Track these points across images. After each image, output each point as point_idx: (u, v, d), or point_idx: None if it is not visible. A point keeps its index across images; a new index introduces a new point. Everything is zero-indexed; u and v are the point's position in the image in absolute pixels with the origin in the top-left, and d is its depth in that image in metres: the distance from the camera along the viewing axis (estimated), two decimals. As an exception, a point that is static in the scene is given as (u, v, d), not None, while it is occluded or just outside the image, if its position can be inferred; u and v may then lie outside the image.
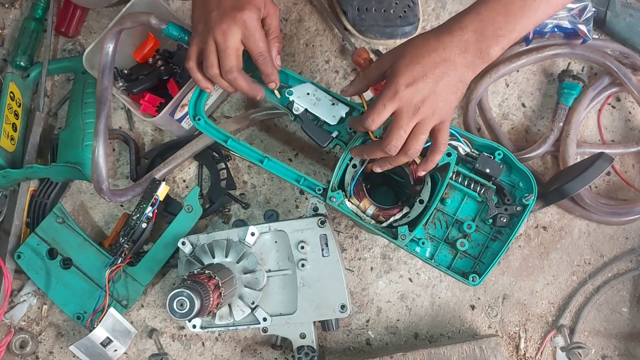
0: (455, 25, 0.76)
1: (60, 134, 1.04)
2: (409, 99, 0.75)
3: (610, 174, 1.08)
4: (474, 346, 0.93)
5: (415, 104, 0.75)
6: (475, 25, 0.75)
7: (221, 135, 0.94)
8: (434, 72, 0.75)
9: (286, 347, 1.01)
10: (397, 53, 0.78)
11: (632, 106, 1.10)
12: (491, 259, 0.88)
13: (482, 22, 0.74)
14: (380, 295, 1.04)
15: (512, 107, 1.10)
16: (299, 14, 1.13)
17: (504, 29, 0.74)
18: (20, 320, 1.04)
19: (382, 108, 0.76)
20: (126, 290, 1.00)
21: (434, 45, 0.75)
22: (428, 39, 0.76)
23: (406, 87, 0.75)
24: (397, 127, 0.77)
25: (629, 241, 1.05)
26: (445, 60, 0.75)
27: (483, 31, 0.74)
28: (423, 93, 0.75)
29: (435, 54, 0.75)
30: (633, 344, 1.02)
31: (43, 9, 1.13)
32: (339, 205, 0.88)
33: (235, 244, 0.94)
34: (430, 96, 0.75)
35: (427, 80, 0.75)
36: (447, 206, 0.91)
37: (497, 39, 0.75)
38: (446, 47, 0.75)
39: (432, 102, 0.76)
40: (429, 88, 0.75)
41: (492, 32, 0.74)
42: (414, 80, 0.75)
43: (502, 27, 0.74)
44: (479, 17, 0.75)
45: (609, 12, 1.07)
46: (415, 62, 0.75)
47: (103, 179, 0.94)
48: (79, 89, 1.07)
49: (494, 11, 0.74)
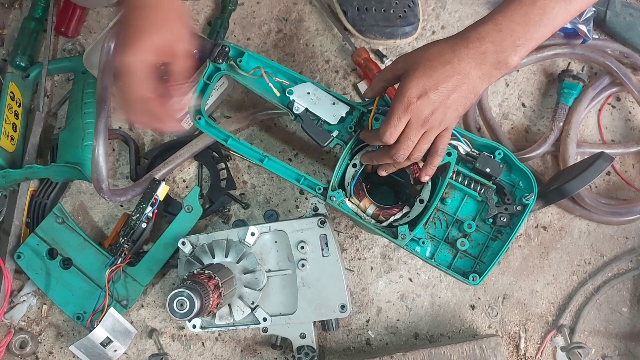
0: (472, 36, 0.74)
1: (60, 134, 1.04)
2: (420, 112, 0.75)
3: (610, 174, 1.08)
4: (474, 346, 0.93)
5: (425, 116, 0.75)
6: (493, 36, 0.73)
7: (221, 134, 0.94)
8: (446, 84, 0.74)
9: (286, 347, 1.01)
10: (412, 60, 0.77)
11: (632, 106, 1.10)
12: (491, 259, 0.88)
13: (501, 33, 0.73)
14: (380, 295, 1.04)
15: (512, 107, 1.10)
16: (299, 14, 1.13)
17: (523, 38, 0.73)
18: (20, 320, 1.04)
19: (397, 121, 0.76)
20: (126, 290, 1.00)
21: (449, 57, 0.74)
22: (443, 50, 0.75)
23: (417, 99, 0.74)
24: (405, 138, 0.78)
25: (629, 241, 1.05)
26: (459, 72, 0.74)
27: (501, 42, 0.73)
28: (434, 105, 0.75)
29: (449, 67, 0.74)
30: (633, 344, 1.02)
31: (43, 9, 1.13)
32: (339, 204, 0.88)
33: (235, 244, 0.94)
34: (439, 108, 0.75)
35: (438, 93, 0.74)
36: (447, 206, 0.91)
37: (515, 48, 0.74)
38: (462, 59, 0.74)
39: (441, 113, 0.76)
40: (439, 100, 0.75)
41: (511, 42, 0.73)
42: (425, 91, 0.74)
43: (521, 36, 0.73)
44: (497, 27, 0.74)
45: (608, 12, 1.07)
46: (428, 74, 0.74)
47: (103, 178, 0.94)
48: (78, 89, 1.07)
49: (513, 21, 0.73)
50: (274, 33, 1.13)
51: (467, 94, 0.76)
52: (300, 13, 1.13)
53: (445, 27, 1.12)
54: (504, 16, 0.74)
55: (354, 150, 0.91)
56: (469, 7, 1.13)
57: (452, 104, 0.75)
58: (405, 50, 1.11)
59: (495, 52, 0.74)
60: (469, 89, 0.75)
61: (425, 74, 0.74)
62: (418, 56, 0.77)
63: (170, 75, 0.79)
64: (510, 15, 0.74)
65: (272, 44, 1.12)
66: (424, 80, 0.74)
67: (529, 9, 0.73)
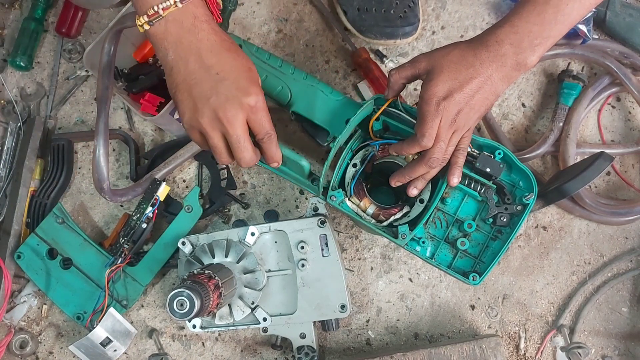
0: (491, 39, 0.76)
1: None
2: (449, 112, 0.77)
3: (610, 174, 1.08)
4: (474, 346, 0.93)
5: (452, 116, 0.77)
6: (511, 38, 0.75)
7: None
8: (470, 85, 0.76)
9: (286, 347, 1.01)
10: (435, 62, 0.78)
11: (632, 106, 1.10)
12: (491, 258, 0.88)
13: (518, 35, 0.75)
14: (380, 295, 1.04)
15: (512, 107, 1.10)
16: (299, 14, 1.13)
17: (540, 37, 0.75)
18: (20, 320, 1.04)
19: (432, 122, 0.77)
20: (126, 291, 1.00)
21: (471, 61, 0.76)
22: (465, 53, 0.77)
23: (444, 100, 0.76)
24: (438, 140, 0.79)
25: (629, 241, 1.05)
26: (481, 75, 0.76)
27: (520, 43, 0.75)
28: (459, 105, 0.77)
29: (472, 69, 0.76)
30: (633, 344, 1.02)
31: (43, 9, 1.13)
32: (340, 204, 0.88)
33: (235, 244, 0.94)
34: (464, 108, 0.77)
35: (463, 94, 0.76)
36: (447, 205, 0.91)
37: (533, 48, 0.75)
38: (483, 62, 0.76)
39: (466, 113, 0.78)
40: (464, 101, 0.76)
41: (529, 42, 0.75)
42: (451, 92, 0.76)
43: (538, 36, 0.74)
44: (514, 29, 0.75)
45: (608, 12, 1.07)
46: (454, 76, 0.76)
47: (104, 178, 0.94)
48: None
49: (529, 22, 0.74)
50: (274, 33, 1.13)
51: (488, 95, 0.77)
52: (300, 13, 1.13)
53: (445, 27, 1.12)
54: (519, 17, 0.75)
55: (355, 150, 0.91)
56: (469, 7, 1.13)
57: (475, 105, 0.77)
58: (405, 51, 1.11)
59: (514, 53, 0.75)
60: (490, 90, 0.77)
61: (451, 77, 0.76)
62: (440, 58, 0.78)
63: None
64: (525, 16, 0.75)
65: (272, 44, 1.12)
66: (449, 83, 0.76)
67: (543, 8, 0.74)
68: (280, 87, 0.91)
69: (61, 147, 1.06)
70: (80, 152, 1.10)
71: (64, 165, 1.06)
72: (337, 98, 0.92)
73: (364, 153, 0.91)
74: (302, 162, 0.87)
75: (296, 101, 0.91)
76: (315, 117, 0.91)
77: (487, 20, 1.12)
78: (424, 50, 1.11)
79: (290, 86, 0.91)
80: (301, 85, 0.91)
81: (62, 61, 1.13)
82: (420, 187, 0.87)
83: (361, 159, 0.91)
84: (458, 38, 1.12)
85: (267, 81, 0.90)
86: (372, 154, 0.90)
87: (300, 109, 0.91)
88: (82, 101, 1.12)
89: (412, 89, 1.09)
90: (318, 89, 0.92)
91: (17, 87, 1.12)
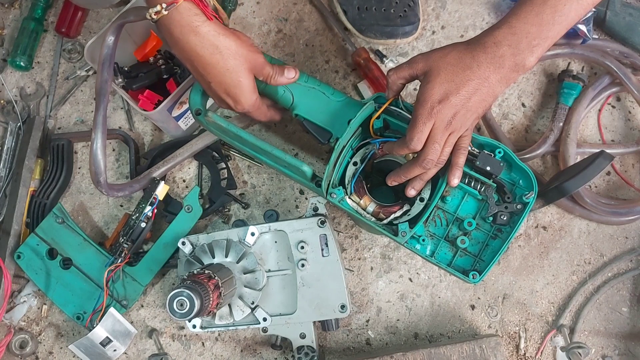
0: (489, 41, 0.76)
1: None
2: (443, 115, 0.77)
3: (610, 174, 1.08)
4: (474, 346, 0.93)
5: (448, 119, 0.77)
6: (509, 39, 0.75)
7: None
8: (467, 88, 0.76)
9: (286, 347, 1.01)
10: (432, 64, 0.78)
11: (632, 106, 1.10)
12: (491, 257, 0.88)
13: (516, 36, 0.74)
14: (380, 295, 1.04)
15: (512, 107, 1.10)
16: (299, 14, 1.13)
17: (538, 38, 0.74)
18: (20, 320, 1.04)
19: (422, 126, 0.78)
20: (126, 290, 1.00)
21: (468, 63, 0.76)
22: (462, 56, 0.77)
23: (439, 103, 0.76)
24: (432, 142, 0.79)
25: (629, 241, 1.05)
26: (478, 77, 0.76)
27: (517, 44, 0.74)
28: (455, 108, 0.77)
29: (469, 71, 0.76)
30: (633, 344, 1.02)
31: (43, 9, 1.13)
32: (340, 201, 0.88)
33: (235, 244, 0.94)
34: (461, 110, 0.77)
35: (459, 96, 0.76)
36: (447, 204, 0.91)
37: (531, 49, 0.75)
38: (480, 64, 0.75)
39: (462, 116, 0.77)
40: (461, 104, 0.76)
41: (527, 43, 0.74)
42: (447, 95, 0.76)
43: (536, 37, 0.74)
44: (511, 30, 0.75)
45: (608, 12, 1.07)
46: (450, 79, 0.76)
47: (101, 171, 0.94)
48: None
49: (527, 22, 0.74)
50: (274, 33, 1.13)
51: (486, 97, 0.77)
52: (300, 13, 1.13)
53: (445, 27, 1.12)
54: (517, 19, 0.75)
55: (355, 149, 0.91)
56: (468, 7, 1.13)
57: (472, 107, 0.77)
58: (405, 50, 1.11)
59: (512, 55, 0.75)
60: (488, 92, 0.77)
61: (447, 79, 0.76)
62: (438, 60, 0.78)
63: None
64: (523, 17, 0.74)
65: (272, 44, 1.12)
66: (445, 85, 0.76)
67: (540, 9, 0.74)
68: (282, 91, 0.91)
69: (61, 147, 1.06)
70: (80, 152, 1.10)
71: (64, 165, 1.06)
72: (338, 99, 0.91)
73: (364, 151, 0.91)
74: (303, 167, 0.87)
75: (299, 104, 0.91)
76: (318, 119, 0.90)
77: (487, 20, 1.12)
78: (423, 50, 1.11)
79: (292, 90, 0.91)
80: (302, 88, 0.91)
81: (62, 61, 1.14)
82: (418, 188, 0.87)
83: (361, 157, 0.91)
84: (458, 38, 1.12)
85: (269, 86, 0.90)
86: (373, 152, 0.90)
87: (302, 112, 0.91)
88: (82, 101, 1.12)
89: (412, 89, 1.10)
90: (319, 91, 0.91)
91: (16, 87, 1.13)
